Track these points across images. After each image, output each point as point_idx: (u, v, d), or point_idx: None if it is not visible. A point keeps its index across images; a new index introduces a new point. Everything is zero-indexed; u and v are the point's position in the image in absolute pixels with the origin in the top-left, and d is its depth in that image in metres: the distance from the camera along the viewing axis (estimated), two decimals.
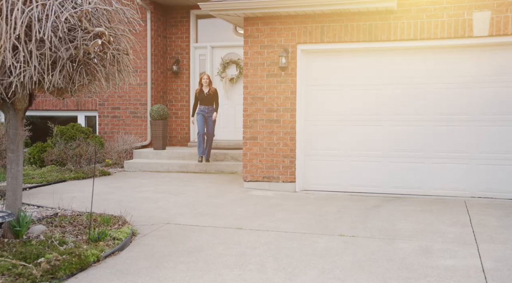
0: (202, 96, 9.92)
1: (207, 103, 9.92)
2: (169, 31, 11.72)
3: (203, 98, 9.92)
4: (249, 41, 8.24)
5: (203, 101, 9.92)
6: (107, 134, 11.43)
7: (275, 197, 7.61)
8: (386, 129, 7.81)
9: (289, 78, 8.06)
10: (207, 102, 9.92)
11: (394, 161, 7.78)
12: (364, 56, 7.87)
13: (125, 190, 8.07)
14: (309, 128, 8.19)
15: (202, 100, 9.93)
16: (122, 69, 5.26)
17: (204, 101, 9.92)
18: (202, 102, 9.92)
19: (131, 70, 5.59)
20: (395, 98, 7.75)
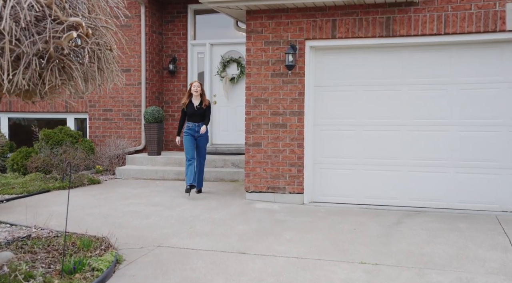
0: (191, 110, 7.67)
1: (198, 119, 7.66)
2: (165, 27, 10.92)
3: (192, 114, 7.67)
4: (252, 37, 7.44)
5: (192, 117, 7.68)
6: (98, 138, 10.62)
7: (281, 210, 6.81)
8: (404, 135, 7.00)
9: (297, 78, 7.26)
10: (197, 119, 7.65)
11: (413, 170, 6.97)
12: (381, 53, 7.07)
13: (114, 202, 7.26)
14: (318, 134, 7.38)
15: (191, 115, 7.69)
16: (104, 68, 4.44)
17: (193, 117, 7.67)
18: (191, 118, 7.69)
19: (116, 69, 4.78)
20: (415, 100, 6.94)
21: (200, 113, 7.68)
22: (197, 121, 7.65)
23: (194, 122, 7.67)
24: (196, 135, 7.66)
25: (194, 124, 7.67)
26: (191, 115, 7.69)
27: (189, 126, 7.66)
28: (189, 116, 7.70)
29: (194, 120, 7.67)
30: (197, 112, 7.68)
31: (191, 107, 7.69)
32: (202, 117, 7.68)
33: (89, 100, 10.68)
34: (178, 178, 9.27)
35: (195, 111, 7.68)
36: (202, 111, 7.70)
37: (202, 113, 7.70)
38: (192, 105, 7.70)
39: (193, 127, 7.66)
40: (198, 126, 7.65)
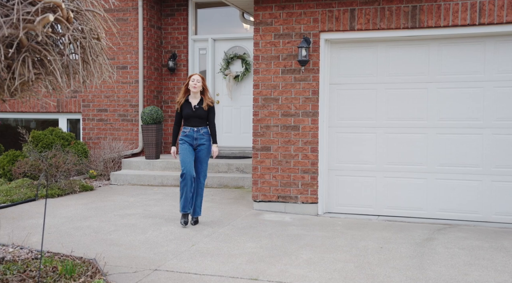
0: (188, 111, 5.86)
1: (197, 123, 5.88)
2: (164, 21, 10.17)
3: (189, 116, 5.86)
4: (260, 29, 6.70)
5: (189, 121, 5.88)
6: (92, 140, 9.88)
7: (294, 223, 6.07)
8: (431, 138, 6.26)
9: (310, 75, 6.52)
10: (196, 122, 5.87)
11: (442, 178, 6.23)
12: (405, 47, 6.33)
13: (107, 212, 6.51)
14: (334, 137, 6.64)
15: (188, 118, 5.88)
16: (89, 60, 3.70)
17: (191, 121, 5.88)
18: (188, 122, 5.90)
19: (106, 62, 4.03)
20: (444, 100, 6.20)
21: (200, 115, 5.86)
22: (196, 126, 5.86)
23: (191, 127, 5.85)
24: (195, 144, 5.86)
25: (192, 129, 5.85)
26: (187, 118, 5.87)
27: (185, 132, 5.87)
28: (186, 119, 5.90)
29: (192, 124, 5.87)
30: (195, 114, 5.84)
31: (188, 108, 5.86)
32: (202, 121, 5.89)
33: (82, 99, 9.94)
34: (178, 184, 8.49)
35: (193, 112, 5.84)
36: (202, 112, 5.87)
37: (202, 115, 5.87)
38: (189, 105, 5.87)
39: (190, 133, 5.84)
40: (197, 132, 5.84)
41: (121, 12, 9.70)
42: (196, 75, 5.95)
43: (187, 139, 5.86)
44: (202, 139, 5.88)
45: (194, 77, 5.92)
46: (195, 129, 5.87)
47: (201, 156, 5.91)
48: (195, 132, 5.86)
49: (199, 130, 5.88)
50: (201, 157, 5.91)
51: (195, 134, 5.86)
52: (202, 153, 5.90)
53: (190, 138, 5.86)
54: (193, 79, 5.89)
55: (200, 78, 5.92)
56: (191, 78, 5.91)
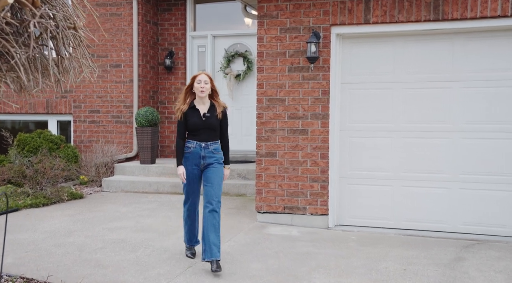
0: (195, 121, 4.50)
1: (207, 136, 4.51)
2: (160, 16, 9.55)
3: (199, 127, 4.49)
4: (265, 22, 6.07)
5: (198, 133, 4.50)
6: (84, 143, 9.25)
7: (302, 238, 5.44)
8: (455, 143, 5.63)
9: (320, 73, 5.89)
10: (206, 135, 4.51)
11: (467, 188, 5.60)
12: (426, 42, 5.70)
13: (95, 225, 5.88)
14: (346, 142, 6.02)
15: (194, 130, 4.50)
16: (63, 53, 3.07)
17: (199, 133, 4.50)
18: (195, 135, 4.51)
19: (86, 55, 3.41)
20: (469, 100, 5.57)
21: (211, 126, 4.49)
22: (204, 140, 4.47)
23: (198, 142, 4.46)
24: (202, 165, 4.48)
25: (199, 145, 4.45)
26: (195, 129, 4.47)
27: (189, 148, 4.48)
28: (192, 131, 4.49)
29: (199, 137, 4.47)
30: (205, 125, 4.47)
31: (195, 116, 4.48)
32: (213, 133, 4.51)
33: (73, 100, 9.31)
34: (175, 191, 7.90)
35: (203, 122, 4.47)
36: (214, 122, 4.50)
37: (215, 126, 4.51)
38: (196, 113, 4.48)
39: (196, 150, 4.46)
40: (205, 148, 4.45)
41: (114, 7, 9.07)
42: (202, 75, 4.49)
43: (191, 158, 4.46)
44: (212, 158, 4.46)
45: (201, 77, 4.46)
46: (203, 144, 4.44)
47: (210, 175, 4.44)
48: (202, 149, 4.44)
49: (208, 146, 4.45)
50: (211, 177, 4.44)
51: (202, 152, 4.43)
52: (211, 173, 4.45)
53: (195, 156, 4.45)
54: (200, 80, 4.44)
55: (208, 78, 4.48)
56: (196, 79, 4.47)
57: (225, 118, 4.60)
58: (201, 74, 4.52)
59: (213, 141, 4.51)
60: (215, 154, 4.50)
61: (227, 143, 4.64)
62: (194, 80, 4.52)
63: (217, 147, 4.53)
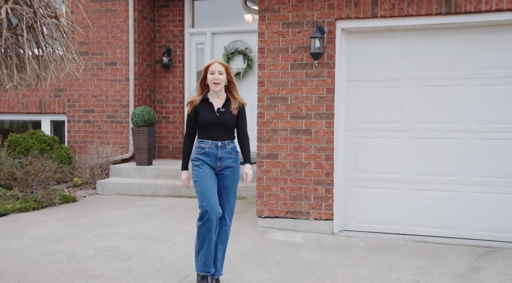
0: (208, 116, 3.89)
1: (222, 134, 3.90)
2: (158, 12, 9.23)
3: (212, 123, 3.89)
4: (266, 17, 5.76)
5: (211, 130, 3.89)
6: (78, 144, 8.93)
7: (306, 244, 5.13)
8: (467, 144, 5.32)
9: (325, 70, 5.58)
10: (221, 133, 3.90)
11: (480, 191, 5.29)
12: (437, 37, 5.39)
13: (87, 231, 5.57)
14: (352, 142, 5.71)
15: (208, 127, 3.89)
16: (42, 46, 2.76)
17: (213, 130, 3.89)
18: (208, 133, 3.89)
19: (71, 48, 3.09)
20: (482, 99, 5.26)
21: (227, 122, 3.88)
22: (219, 139, 3.85)
23: (213, 141, 3.84)
24: (219, 167, 3.85)
25: (215, 144, 3.84)
26: (207, 125, 3.86)
27: (203, 148, 3.83)
28: (204, 127, 3.87)
29: (213, 136, 3.85)
30: (220, 121, 3.86)
31: (207, 110, 3.86)
32: (229, 131, 3.92)
33: (67, 99, 8.98)
34: (173, 194, 7.59)
35: (216, 119, 3.86)
36: (229, 118, 3.89)
37: (230, 123, 3.90)
38: (209, 107, 3.87)
39: (212, 150, 3.83)
40: (222, 148, 3.84)
41: (109, 2, 8.76)
42: (216, 64, 3.84)
43: (207, 160, 3.80)
44: (229, 159, 3.86)
45: (214, 67, 3.82)
46: (219, 143, 3.83)
47: (227, 184, 3.86)
48: (219, 149, 3.82)
49: (225, 145, 3.86)
50: (227, 186, 3.86)
51: (219, 152, 3.82)
52: (228, 180, 3.86)
53: (212, 157, 3.81)
54: (213, 70, 3.81)
55: (223, 68, 3.85)
56: (209, 69, 3.84)
57: (242, 114, 3.96)
58: (214, 64, 3.85)
59: (230, 140, 3.92)
60: (233, 154, 3.90)
61: (247, 141, 4.01)
62: (207, 71, 3.87)
63: (234, 147, 3.93)
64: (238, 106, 3.92)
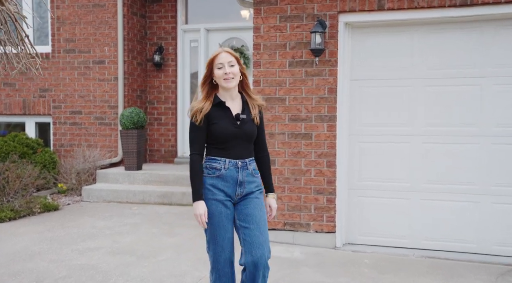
0: (228, 127, 2.88)
1: (244, 150, 2.93)
2: (149, 8, 8.72)
3: (229, 135, 2.88)
4: (262, 10, 5.25)
5: (230, 145, 2.89)
6: (65, 147, 8.42)
7: (306, 261, 4.62)
8: (485, 150, 4.81)
9: (326, 68, 5.07)
10: (243, 149, 2.92)
11: (499, 202, 4.78)
12: (450, 31, 4.88)
13: (64, 245, 5.05)
14: (356, 147, 5.20)
15: (228, 141, 2.89)
16: None
17: (232, 146, 2.89)
18: (226, 148, 2.89)
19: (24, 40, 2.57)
20: (502, 100, 4.75)
21: (249, 133, 2.95)
22: (240, 156, 2.91)
23: (231, 159, 2.90)
24: (239, 194, 2.92)
25: (234, 163, 2.90)
26: (223, 141, 2.90)
27: (216, 169, 2.90)
28: (218, 143, 2.91)
29: (231, 153, 2.90)
30: (241, 133, 2.91)
31: (225, 119, 2.91)
32: (250, 147, 2.99)
33: (52, 100, 8.47)
34: (163, 202, 7.08)
35: (237, 129, 2.91)
36: (251, 129, 2.96)
37: (252, 133, 2.97)
38: (226, 114, 2.92)
39: (230, 171, 2.89)
40: (243, 168, 2.90)
41: None
42: (224, 54, 2.90)
43: (222, 186, 2.87)
44: (252, 184, 2.93)
45: (222, 58, 2.88)
46: (239, 163, 2.88)
47: (254, 212, 2.89)
48: (239, 171, 2.88)
49: (247, 165, 2.91)
50: (255, 214, 2.89)
51: (240, 175, 2.88)
52: (255, 208, 2.90)
53: (230, 182, 2.87)
54: (221, 62, 2.87)
55: (233, 57, 2.90)
56: (215, 63, 2.89)
57: (262, 121, 3.08)
58: (221, 54, 2.89)
59: (250, 157, 2.95)
60: (255, 177, 2.96)
61: (269, 160, 3.11)
62: (212, 64, 2.91)
63: (255, 166, 3.00)
64: (255, 114, 2.97)
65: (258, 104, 3.03)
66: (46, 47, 8.47)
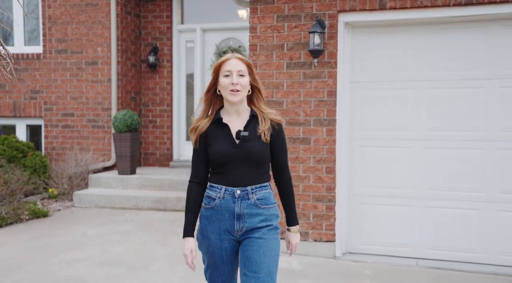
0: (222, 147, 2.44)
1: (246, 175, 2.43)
2: (143, 7, 8.50)
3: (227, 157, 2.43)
4: (258, 9, 5.04)
5: (227, 168, 2.44)
6: (56, 151, 8.20)
7: (305, 273, 4.41)
8: (490, 156, 4.60)
9: (325, 70, 4.86)
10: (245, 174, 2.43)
11: (506, 209, 4.57)
12: (454, 31, 4.67)
13: (51, 256, 4.83)
14: (356, 152, 4.99)
15: (223, 163, 2.44)
16: None
17: (231, 169, 2.43)
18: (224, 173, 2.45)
19: None
20: (507, 102, 4.54)
21: (253, 154, 2.43)
22: (240, 183, 2.42)
23: (228, 187, 2.44)
24: (239, 231, 2.44)
25: (231, 192, 2.43)
26: (221, 163, 2.45)
27: (210, 198, 2.47)
28: (217, 167, 2.48)
29: (230, 179, 2.44)
30: (241, 154, 2.43)
31: (223, 139, 2.46)
32: (258, 169, 2.46)
33: (44, 102, 8.24)
34: (157, 207, 6.86)
35: (235, 150, 2.44)
36: (258, 148, 2.44)
37: (260, 155, 2.45)
38: (224, 133, 2.47)
39: (226, 202, 2.43)
40: (243, 199, 2.42)
41: None
42: (234, 60, 2.45)
43: (217, 220, 2.45)
44: (257, 217, 2.44)
45: (231, 64, 2.44)
46: (238, 192, 2.42)
47: (255, 255, 2.39)
48: (237, 201, 2.42)
49: (248, 194, 2.43)
50: (256, 260, 2.38)
51: (237, 206, 2.42)
52: (257, 251, 2.39)
53: (224, 216, 2.44)
54: (229, 70, 2.43)
55: (244, 65, 2.46)
56: (222, 69, 2.45)
57: (280, 140, 2.51)
58: (230, 60, 2.44)
59: (257, 184, 2.43)
60: (263, 208, 2.43)
61: (289, 184, 2.58)
62: (218, 71, 2.46)
63: (266, 196, 2.46)
64: (270, 127, 2.46)
65: (271, 118, 2.47)
66: (37, 47, 8.25)
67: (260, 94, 2.53)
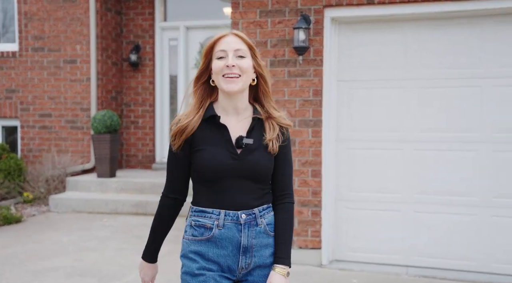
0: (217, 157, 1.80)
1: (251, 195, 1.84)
2: (124, 4, 8.20)
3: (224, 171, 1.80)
4: (240, 4, 4.77)
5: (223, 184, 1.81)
6: (33, 153, 7.86)
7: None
8: (485, 158, 4.37)
9: (311, 68, 4.61)
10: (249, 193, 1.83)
11: (500, 214, 4.34)
12: (447, 27, 4.44)
13: (19, 265, 4.52)
14: (344, 155, 4.74)
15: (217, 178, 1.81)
16: None
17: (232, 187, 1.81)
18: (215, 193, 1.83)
19: None
20: (504, 103, 4.32)
21: (258, 169, 1.85)
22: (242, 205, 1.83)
23: (229, 210, 1.83)
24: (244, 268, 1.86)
25: (233, 217, 1.83)
26: (217, 178, 1.82)
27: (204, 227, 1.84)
28: (207, 182, 1.85)
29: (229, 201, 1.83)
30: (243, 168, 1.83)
31: (219, 144, 1.83)
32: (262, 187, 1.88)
33: (20, 101, 7.90)
34: (137, 212, 6.57)
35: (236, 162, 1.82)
36: (261, 160, 1.85)
37: (266, 168, 1.87)
38: (220, 135, 1.84)
39: (228, 231, 1.82)
40: (250, 225, 1.84)
41: None
42: (231, 37, 1.83)
43: (215, 255, 1.84)
44: (267, 250, 1.89)
45: (227, 43, 1.82)
46: (243, 216, 1.84)
47: None
48: (243, 229, 1.84)
49: (256, 219, 1.86)
50: None
51: (243, 236, 1.84)
52: None
53: (227, 249, 1.83)
54: (224, 49, 1.82)
55: (244, 44, 1.84)
56: (215, 49, 1.84)
57: (286, 151, 1.95)
58: (227, 36, 1.84)
59: (263, 204, 1.90)
60: (272, 236, 1.91)
61: (288, 210, 1.94)
62: (211, 52, 1.86)
63: (273, 219, 1.92)
64: (278, 135, 1.89)
65: (280, 123, 1.91)
66: (13, 45, 7.92)
67: (267, 86, 1.90)
